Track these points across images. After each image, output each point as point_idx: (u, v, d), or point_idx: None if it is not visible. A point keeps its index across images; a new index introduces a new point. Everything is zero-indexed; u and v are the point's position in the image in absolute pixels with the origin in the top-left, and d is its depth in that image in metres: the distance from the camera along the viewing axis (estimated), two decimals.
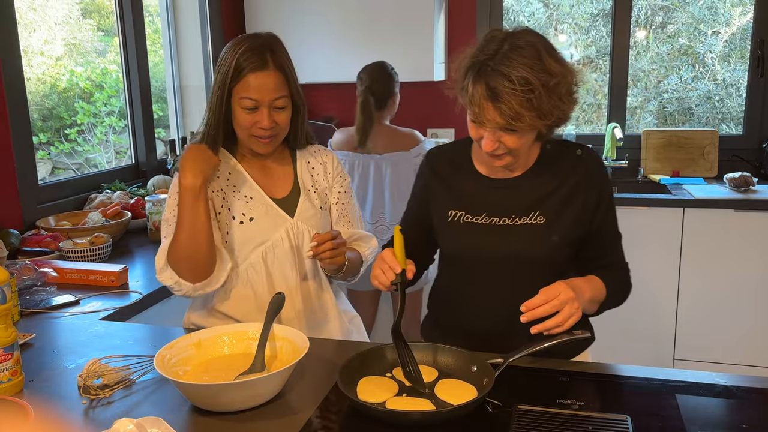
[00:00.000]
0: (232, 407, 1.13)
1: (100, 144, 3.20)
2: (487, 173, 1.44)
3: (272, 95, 1.47)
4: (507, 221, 1.39)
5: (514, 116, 1.22)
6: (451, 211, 1.44)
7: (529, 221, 1.37)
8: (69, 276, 1.91)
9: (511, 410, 1.12)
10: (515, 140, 1.28)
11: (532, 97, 1.21)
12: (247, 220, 1.55)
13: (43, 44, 2.91)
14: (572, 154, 1.41)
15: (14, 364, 1.22)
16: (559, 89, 1.24)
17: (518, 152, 1.32)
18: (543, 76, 1.22)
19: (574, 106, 1.31)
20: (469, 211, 1.42)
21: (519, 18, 3.87)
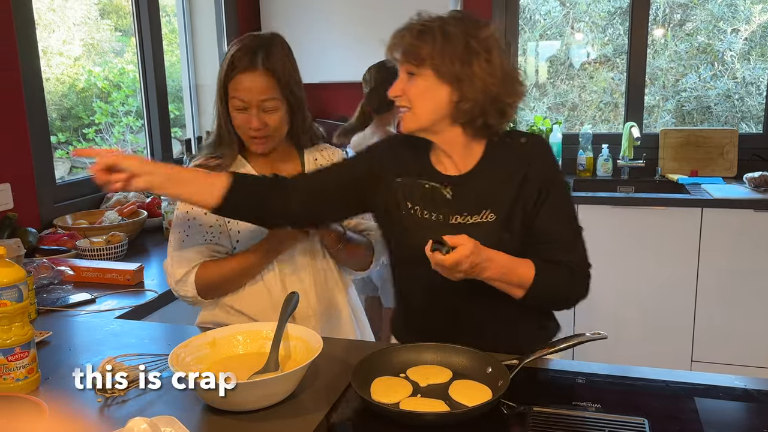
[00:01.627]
0: (246, 407, 1.13)
1: (117, 143, 3.22)
2: (441, 170, 1.40)
3: (260, 96, 1.47)
4: (459, 219, 1.36)
5: (409, 47, 1.28)
6: (408, 203, 1.40)
7: (481, 220, 1.35)
8: (85, 274, 1.93)
9: (526, 412, 1.11)
10: (414, 90, 1.30)
11: (427, 34, 1.27)
12: (253, 226, 1.54)
13: (62, 45, 2.93)
14: (517, 143, 1.38)
15: (30, 362, 1.23)
16: (456, 41, 1.27)
17: (419, 112, 1.31)
18: (445, 23, 1.29)
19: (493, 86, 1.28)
20: (425, 206, 1.39)
21: (535, 16, 3.84)
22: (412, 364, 1.25)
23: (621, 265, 3.10)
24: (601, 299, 3.13)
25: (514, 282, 1.29)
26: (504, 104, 1.32)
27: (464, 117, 1.32)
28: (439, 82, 1.29)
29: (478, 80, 1.28)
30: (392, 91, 1.34)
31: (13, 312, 1.19)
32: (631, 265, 3.09)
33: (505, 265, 1.27)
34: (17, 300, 1.19)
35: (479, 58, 1.28)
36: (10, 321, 1.19)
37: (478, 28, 1.30)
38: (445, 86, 1.29)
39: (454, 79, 1.28)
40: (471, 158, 1.38)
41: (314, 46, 3.51)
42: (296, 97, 1.53)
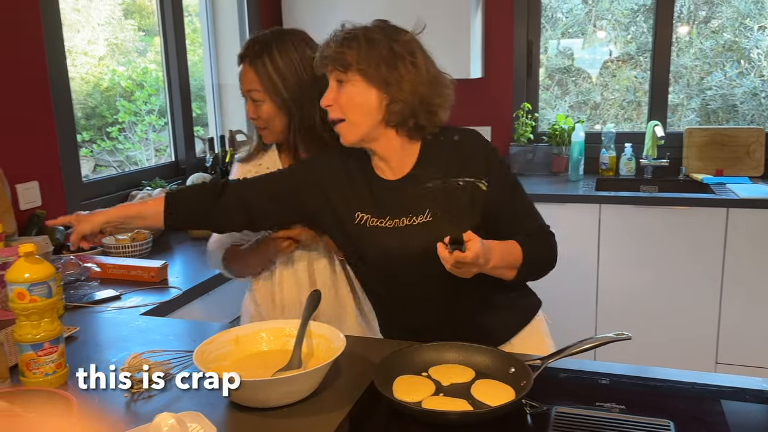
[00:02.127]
0: (269, 403, 1.14)
1: (140, 142, 3.26)
2: (380, 174, 1.43)
3: (246, 86, 1.57)
4: (406, 221, 1.38)
5: (334, 54, 1.33)
6: (358, 213, 1.42)
7: (426, 219, 1.36)
8: (111, 271, 1.96)
9: (549, 412, 1.10)
10: (345, 98, 1.34)
11: (352, 41, 1.34)
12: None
13: (86, 44, 2.97)
14: (451, 141, 1.41)
15: (59, 357, 1.26)
16: (380, 45, 1.33)
17: (355, 121, 1.34)
18: (368, 30, 1.37)
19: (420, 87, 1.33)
20: (373, 213, 1.41)
21: (557, 14, 3.81)
22: (434, 363, 1.26)
23: (644, 265, 3.06)
24: (623, 300, 3.10)
25: (508, 265, 1.34)
26: (433, 105, 1.36)
27: (396, 119, 1.35)
28: (368, 87, 1.33)
29: (405, 82, 1.32)
30: (324, 101, 1.37)
31: (43, 308, 1.21)
32: (653, 265, 3.06)
33: (503, 249, 1.32)
34: (47, 296, 1.22)
35: (404, 62, 1.33)
36: (40, 316, 1.22)
37: (399, 33, 1.37)
38: (373, 90, 1.33)
39: (382, 83, 1.32)
40: (408, 159, 1.41)
41: None
42: (291, 91, 1.54)
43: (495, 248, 1.29)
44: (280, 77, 1.54)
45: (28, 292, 1.20)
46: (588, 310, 3.13)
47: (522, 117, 3.60)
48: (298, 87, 1.54)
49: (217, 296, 2.00)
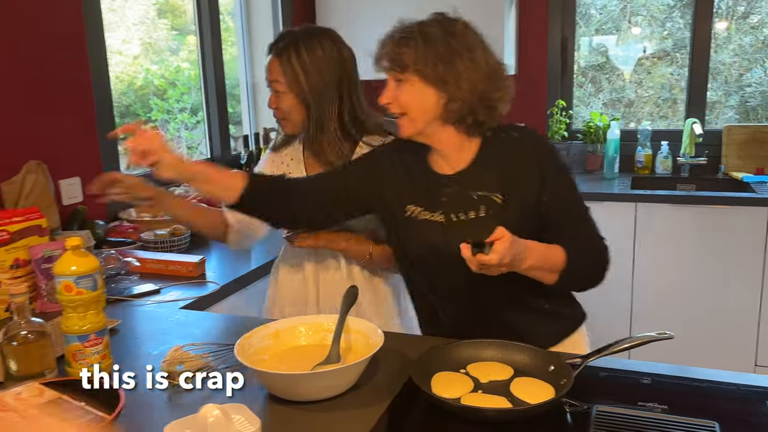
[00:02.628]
0: (309, 397, 1.15)
1: (172, 139, 3.30)
2: (437, 169, 1.43)
3: (270, 77, 1.61)
4: (461, 217, 1.37)
5: (392, 54, 1.33)
6: (409, 206, 1.42)
7: (480, 214, 1.36)
8: (150, 266, 1.99)
9: (589, 411, 1.09)
10: (404, 96, 1.33)
11: (408, 40, 1.32)
12: None
13: (121, 44, 3.02)
14: (511, 138, 1.39)
15: (104, 348, 1.28)
16: (436, 43, 1.30)
17: (415, 117, 1.34)
18: (424, 26, 1.34)
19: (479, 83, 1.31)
20: (426, 207, 1.41)
21: (590, 11, 3.77)
22: (472, 360, 1.25)
23: (680, 265, 3.02)
24: (658, 300, 3.05)
25: (548, 268, 1.31)
26: (492, 100, 1.34)
27: (454, 117, 1.34)
28: (426, 86, 1.32)
29: (463, 80, 1.30)
30: (382, 99, 1.37)
31: (89, 300, 1.24)
32: (690, 265, 3.01)
33: (542, 251, 1.29)
34: (92, 288, 1.25)
35: (462, 58, 1.31)
36: (86, 308, 1.25)
37: (456, 26, 1.34)
38: (431, 89, 1.32)
39: (439, 81, 1.31)
40: (465, 155, 1.40)
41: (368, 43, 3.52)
42: (313, 89, 1.58)
43: (533, 248, 1.27)
44: (304, 72, 1.58)
45: (75, 285, 1.23)
46: (623, 309, 3.09)
47: (556, 114, 3.56)
48: (319, 84, 1.58)
49: (254, 291, 2.02)
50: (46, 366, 1.21)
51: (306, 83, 1.58)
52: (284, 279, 1.75)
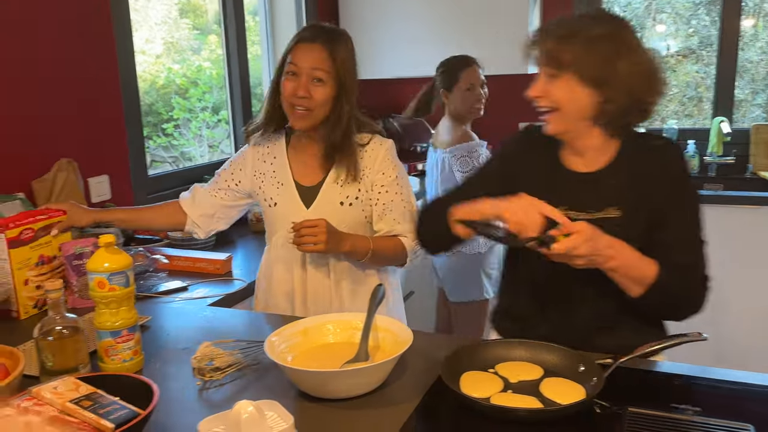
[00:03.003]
0: (338, 394, 1.16)
1: (194, 138, 3.33)
2: (570, 166, 1.41)
3: (312, 64, 1.58)
4: (583, 214, 1.35)
5: (551, 52, 1.29)
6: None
7: (605, 215, 1.34)
8: (177, 263, 2.01)
9: (621, 412, 1.08)
10: (558, 91, 1.30)
11: (571, 38, 1.28)
12: (272, 204, 1.70)
13: (144, 43, 3.05)
14: (651, 146, 1.37)
15: (135, 344, 1.30)
16: (599, 44, 1.26)
17: (566, 113, 1.31)
18: (587, 26, 1.29)
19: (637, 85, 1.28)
20: (550, 202, 1.37)
21: (614, 8, 3.73)
22: (502, 360, 1.25)
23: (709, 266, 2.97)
24: None
25: (635, 276, 1.28)
26: (647, 103, 1.32)
27: (606, 118, 1.32)
28: (582, 85, 1.29)
29: (622, 82, 1.27)
30: (532, 92, 1.34)
31: (121, 296, 1.26)
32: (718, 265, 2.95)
33: (630, 257, 1.27)
34: (125, 285, 1.26)
35: (624, 59, 1.27)
36: (119, 305, 1.26)
37: (622, 27, 1.30)
38: (588, 89, 1.29)
39: (597, 82, 1.28)
40: (603, 157, 1.38)
41: (391, 42, 3.53)
42: (347, 84, 1.60)
43: (622, 250, 1.25)
44: (344, 66, 1.60)
45: (107, 281, 1.24)
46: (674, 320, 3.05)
47: None
48: (351, 81, 1.62)
49: None
50: (80, 361, 1.23)
51: (345, 77, 1.60)
52: (277, 276, 1.73)
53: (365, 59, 1.88)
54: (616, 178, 1.36)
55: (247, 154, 1.78)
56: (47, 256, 1.65)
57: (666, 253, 1.31)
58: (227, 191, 1.80)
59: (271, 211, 1.72)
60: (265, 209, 1.74)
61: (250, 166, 1.76)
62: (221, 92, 3.24)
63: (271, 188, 1.71)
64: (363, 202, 1.68)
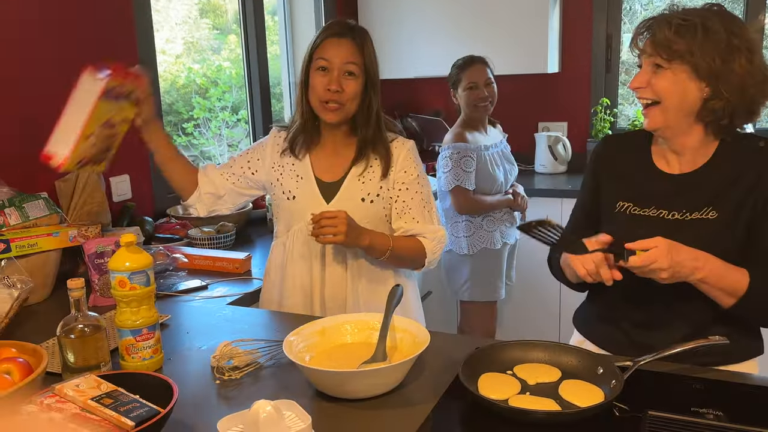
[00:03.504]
0: (356, 395, 1.16)
1: (214, 137, 3.36)
2: (662, 167, 1.38)
3: (344, 58, 1.60)
4: (677, 215, 1.32)
5: (664, 41, 1.25)
6: (620, 202, 1.40)
7: (701, 216, 1.30)
8: (197, 262, 2.03)
9: (641, 416, 1.08)
10: (663, 83, 1.27)
11: (688, 29, 1.23)
12: (291, 197, 1.69)
13: (165, 43, 3.08)
14: (753, 147, 1.32)
15: (155, 343, 1.31)
16: (718, 37, 1.23)
17: (669, 106, 1.28)
18: (706, 18, 1.24)
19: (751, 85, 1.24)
20: (638, 203, 1.37)
21: (635, 7, 3.69)
22: (520, 362, 1.25)
23: None
24: None
25: (726, 288, 1.24)
26: (756, 104, 1.28)
27: (712, 116, 1.28)
28: (692, 78, 1.26)
29: (736, 79, 1.24)
30: (635, 83, 1.32)
31: (142, 295, 1.27)
32: None
33: (719, 267, 1.23)
34: (145, 284, 1.28)
35: (741, 57, 1.24)
36: (139, 303, 1.28)
37: (741, 26, 1.26)
38: (697, 82, 1.26)
39: (710, 76, 1.24)
40: (701, 157, 1.34)
41: (410, 42, 3.52)
42: (374, 78, 1.64)
43: (708, 261, 1.23)
44: (372, 61, 1.64)
45: (128, 280, 1.26)
46: None
47: (600, 113, 3.51)
48: (377, 75, 1.65)
49: None
50: (101, 359, 1.24)
51: (373, 70, 1.63)
52: (293, 271, 1.72)
53: (383, 59, 1.89)
54: (712, 179, 1.32)
55: (267, 146, 1.77)
56: (113, 121, 1.55)
57: (759, 263, 1.27)
58: (240, 177, 1.78)
59: (289, 205, 1.71)
60: (282, 202, 1.72)
61: (269, 157, 1.75)
62: (241, 92, 3.27)
63: (290, 181, 1.70)
64: (384, 199, 1.68)
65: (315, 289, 1.71)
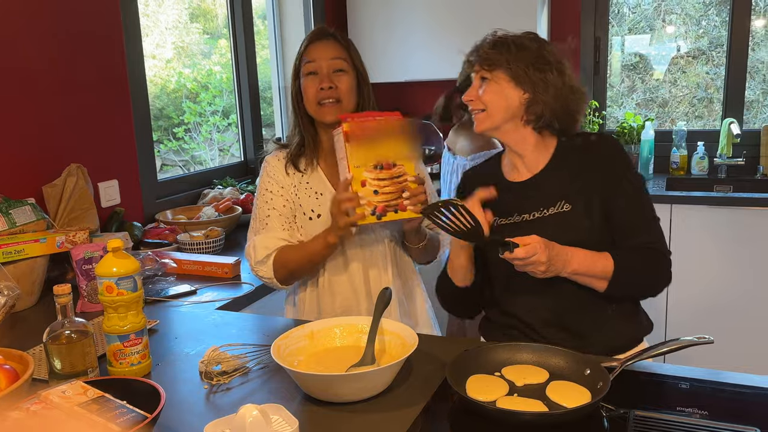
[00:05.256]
0: (344, 398, 1.16)
1: (204, 142, 3.35)
2: (513, 179, 1.50)
3: (330, 55, 1.60)
4: (536, 215, 1.43)
5: (484, 54, 1.41)
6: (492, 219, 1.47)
7: (557, 210, 1.42)
8: (186, 267, 2.02)
9: (627, 416, 1.08)
10: (488, 93, 1.41)
11: (502, 45, 1.41)
12: (315, 217, 1.63)
13: (155, 48, 3.08)
14: (587, 141, 1.46)
15: (143, 348, 1.31)
16: (530, 52, 1.39)
17: (492, 112, 1.41)
18: (518, 38, 1.42)
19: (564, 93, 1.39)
20: (501, 214, 1.47)
21: (623, 9, 3.72)
22: (508, 363, 1.25)
23: (717, 267, 2.96)
24: (694, 303, 3.00)
25: (597, 273, 1.36)
26: (573, 112, 1.43)
27: (534, 118, 1.42)
28: (511, 84, 1.40)
29: (550, 86, 1.39)
30: (466, 96, 1.45)
31: (129, 301, 1.27)
32: (728, 267, 2.95)
33: (586, 256, 1.35)
34: (133, 289, 1.27)
35: (551, 68, 1.39)
36: (127, 309, 1.27)
37: (549, 44, 1.43)
38: (516, 88, 1.40)
39: (526, 82, 1.39)
40: (542, 158, 1.47)
41: (400, 45, 3.53)
42: (363, 70, 1.65)
43: (575, 253, 1.34)
44: (359, 57, 1.65)
45: (116, 286, 1.26)
46: (658, 313, 3.04)
47: (589, 115, 3.53)
48: (367, 74, 1.66)
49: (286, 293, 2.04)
50: (89, 365, 1.24)
51: (361, 66, 1.64)
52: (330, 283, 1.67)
53: (373, 63, 1.90)
54: (556, 176, 1.44)
55: (277, 172, 1.67)
56: (387, 162, 1.48)
57: (621, 238, 1.40)
58: (289, 216, 1.66)
59: (313, 224, 1.63)
60: (304, 223, 1.64)
61: (283, 179, 1.66)
62: (231, 96, 3.26)
63: (308, 200, 1.64)
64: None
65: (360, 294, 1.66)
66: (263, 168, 1.71)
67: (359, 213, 1.44)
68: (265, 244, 1.61)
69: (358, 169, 1.46)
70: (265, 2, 3.52)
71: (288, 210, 1.65)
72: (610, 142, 1.47)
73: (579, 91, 1.44)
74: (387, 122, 1.50)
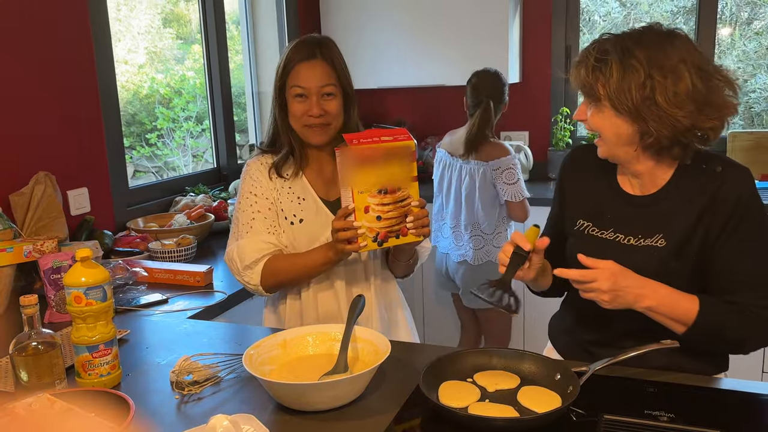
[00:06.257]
0: (317, 407, 1.16)
1: (178, 148, 3.32)
2: (626, 188, 1.37)
3: (319, 82, 1.55)
4: (632, 240, 1.32)
5: (583, 82, 1.25)
6: (580, 220, 1.41)
7: (652, 243, 1.29)
8: (158, 276, 2.00)
9: (597, 420, 1.10)
10: (595, 119, 1.27)
11: (603, 68, 1.22)
12: (297, 222, 1.61)
13: (127, 53, 3.05)
14: (711, 171, 1.27)
15: (113, 359, 1.29)
16: (636, 74, 1.19)
17: (606, 139, 1.28)
18: (626, 50, 1.21)
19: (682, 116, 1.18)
20: (597, 223, 1.37)
21: (594, 18, 3.78)
22: (480, 369, 1.26)
23: None
24: None
25: (675, 316, 1.24)
26: (702, 130, 1.22)
27: (651, 148, 1.26)
28: (618, 116, 1.23)
29: (663, 113, 1.19)
30: (577, 115, 1.32)
31: (98, 311, 1.25)
32: None
33: (666, 296, 1.23)
34: (102, 299, 1.26)
35: (664, 90, 1.18)
36: (96, 319, 1.26)
37: (665, 50, 1.20)
38: (625, 121, 1.23)
39: (634, 114, 1.21)
40: (659, 180, 1.32)
41: (373, 52, 3.55)
42: (350, 90, 1.61)
43: (654, 289, 1.23)
44: (345, 74, 1.60)
45: (84, 296, 1.24)
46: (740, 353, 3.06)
47: (560, 122, 3.57)
48: (352, 88, 1.62)
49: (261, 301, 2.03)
50: (57, 376, 1.22)
51: (347, 84, 1.60)
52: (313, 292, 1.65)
53: None
54: (668, 203, 1.30)
55: (261, 177, 1.64)
56: (391, 187, 1.44)
57: (726, 287, 1.26)
58: (275, 219, 1.63)
59: (295, 229, 1.61)
60: (285, 228, 1.62)
61: (266, 183, 1.64)
62: (205, 102, 3.24)
63: (291, 204, 1.62)
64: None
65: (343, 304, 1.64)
66: (245, 172, 1.68)
67: (360, 242, 1.41)
68: (253, 248, 1.57)
69: (362, 195, 1.40)
70: (239, 8, 3.51)
71: (273, 213, 1.62)
72: (738, 174, 1.25)
73: (710, 102, 1.20)
74: (393, 145, 1.43)
